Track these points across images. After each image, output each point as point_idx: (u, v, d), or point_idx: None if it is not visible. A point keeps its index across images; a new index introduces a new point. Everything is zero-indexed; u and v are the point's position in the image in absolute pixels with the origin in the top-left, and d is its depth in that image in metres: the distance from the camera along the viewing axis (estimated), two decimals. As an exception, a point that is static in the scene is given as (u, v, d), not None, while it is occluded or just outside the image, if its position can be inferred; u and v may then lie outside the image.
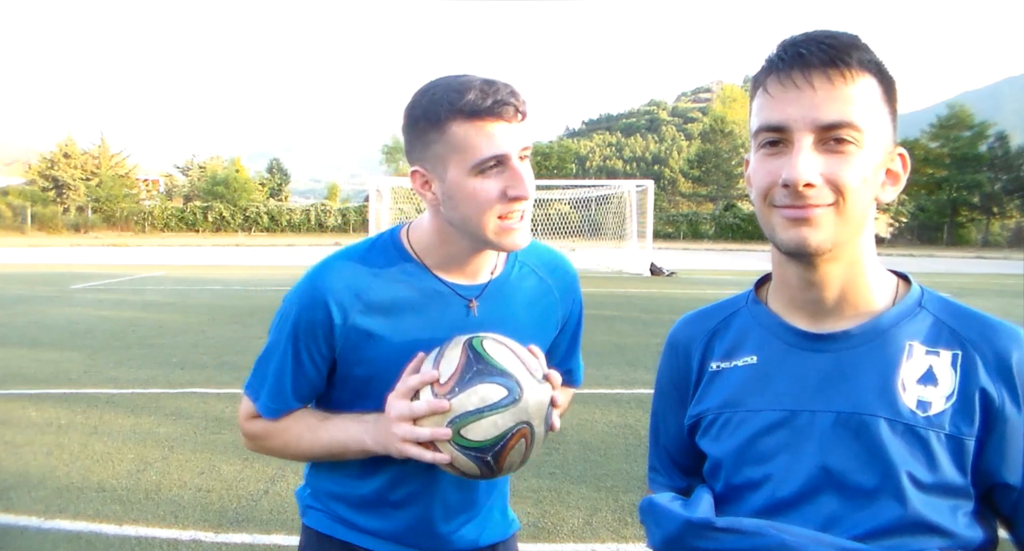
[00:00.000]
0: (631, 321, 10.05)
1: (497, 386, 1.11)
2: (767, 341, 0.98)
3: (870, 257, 0.93)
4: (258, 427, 1.33)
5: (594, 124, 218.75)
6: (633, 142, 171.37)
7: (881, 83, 0.87)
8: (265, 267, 19.95)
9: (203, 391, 5.89)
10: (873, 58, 0.86)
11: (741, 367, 0.99)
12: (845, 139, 0.84)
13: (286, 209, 51.42)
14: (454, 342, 1.18)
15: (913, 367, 0.89)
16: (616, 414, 5.32)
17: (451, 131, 1.13)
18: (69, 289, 13.72)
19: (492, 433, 1.11)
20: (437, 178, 1.19)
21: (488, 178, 1.15)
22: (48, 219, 45.44)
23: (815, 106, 0.83)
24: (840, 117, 0.83)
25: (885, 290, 0.95)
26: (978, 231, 45.98)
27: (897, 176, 0.91)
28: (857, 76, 0.84)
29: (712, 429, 1.00)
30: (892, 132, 0.90)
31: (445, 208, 1.20)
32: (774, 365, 0.96)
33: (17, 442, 4.61)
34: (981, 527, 0.88)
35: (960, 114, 46.35)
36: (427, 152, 1.17)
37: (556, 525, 3.44)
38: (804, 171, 0.83)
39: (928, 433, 0.86)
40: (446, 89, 1.14)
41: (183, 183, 62.82)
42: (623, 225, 21.78)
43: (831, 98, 0.83)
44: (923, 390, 0.88)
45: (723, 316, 1.06)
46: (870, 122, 0.85)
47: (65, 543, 3.22)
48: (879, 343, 0.91)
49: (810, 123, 0.84)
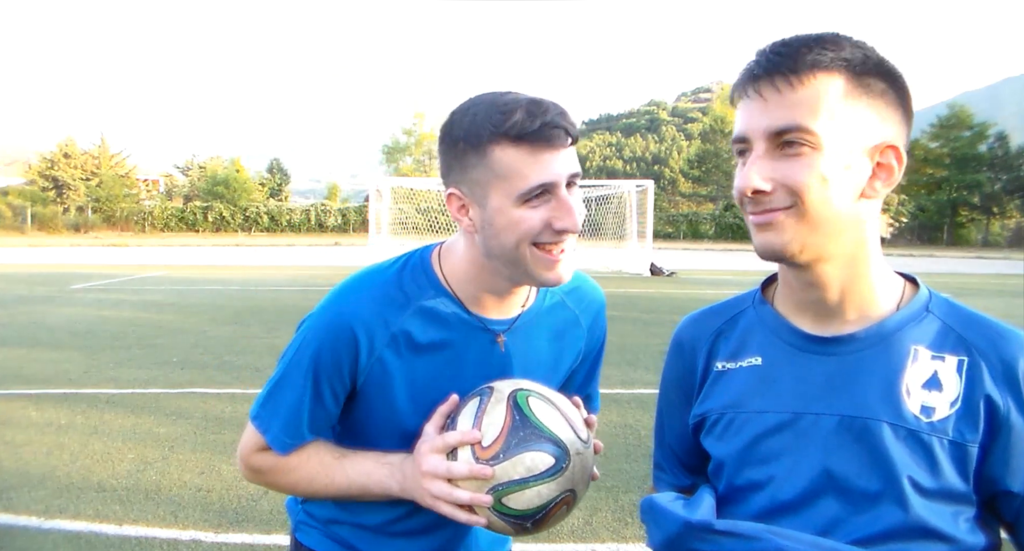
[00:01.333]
0: (631, 321, 10.05)
1: (545, 454, 1.04)
2: (772, 343, 0.97)
3: (874, 258, 0.92)
4: (266, 462, 1.21)
5: (594, 124, 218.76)
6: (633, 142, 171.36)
7: (852, 79, 0.85)
8: (265, 267, 19.90)
9: (203, 391, 5.89)
10: (840, 55, 0.85)
11: (746, 368, 0.98)
12: (796, 142, 0.84)
13: (286, 209, 51.42)
14: (495, 396, 1.09)
15: (918, 372, 0.88)
16: (616, 414, 5.32)
17: (494, 156, 1.04)
18: (69, 289, 13.72)
19: (536, 503, 1.04)
20: (476, 204, 1.09)
21: (533, 208, 1.05)
22: (48, 219, 45.44)
23: (765, 115, 0.86)
24: (787, 122, 0.84)
25: (891, 293, 0.94)
26: (978, 231, 45.99)
27: (891, 170, 0.88)
28: (809, 79, 0.84)
29: (715, 429, 1.00)
30: (881, 126, 0.87)
31: (483, 236, 1.10)
32: (778, 367, 0.95)
33: (17, 442, 4.61)
34: (983, 532, 0.88)
35: (960, 114, 46.35)
36: (466, 175, 1.08)
37: (556, 525, 3.44)
38: (752, 179, 0.86)
39: (931, 439, 0.86)
40: (489, 108, 1.04)
41: (183, 183, 62.82)
42: (623, 225, 21.77)
43: (779, 105, 0.85)
44: (927, 395, 0.87)
45: (729, 316, 1.05)
46: (828, 121, 0.84)
47: (65, 543, 3.22)
48: (884, 347, 0.90)
49: (762, 131, 0.86)
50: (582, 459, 1.08)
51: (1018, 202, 45.52)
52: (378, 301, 1.15)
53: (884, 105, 0.87)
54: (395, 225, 22.86)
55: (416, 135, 63.41)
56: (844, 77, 0.85)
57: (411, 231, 23.93)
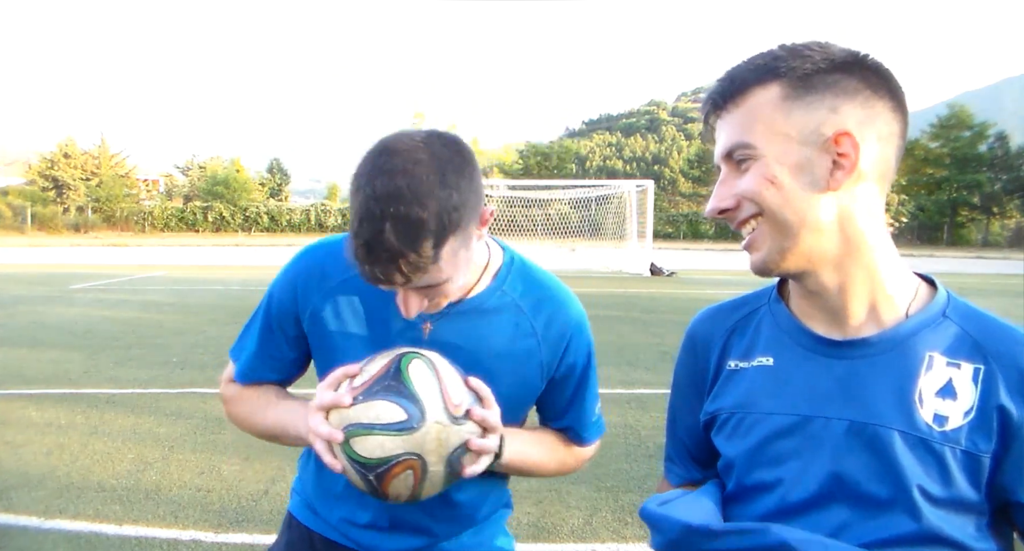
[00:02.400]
0: (631, 321, 10.04)
1: (398, 408, 1.04)
2: (784, 343, 0.97)
3: (879, 259, 0.90)
4: (231, 390, 1.40)
5: (594, 124, 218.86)
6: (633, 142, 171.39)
7: (788, 83, 0.87)
8: (265, 267, 19.90)
9: (203, 391, 5.89)
10: (775, 65, 0.89)
11: (757, 368, 0.98)
12: (743, 158, 0.90)
13: (286, 209, 51.39)
14: (395, 349, 1.13)
15: (932, 380, 0.87)
16: (616, 414, 5.31)
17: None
18: (69, 289, 13.72)
19: (376, 454, 1.04)
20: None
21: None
22: (48, 219, 45.43)
23: (719, 142, 0.93)
24: (729, 144, 0.91)
25: (907, 295, 0.92)
26: (978, 231, 46.00)
27: (848, 157, 0.86)
28: (743, 98, 0.90)
29: (726, 428, 1.00)
30: (828, 119, 0.86)
31: None
32: (790, 368, 0.95)
33: (17, 442, 4.61)
34: (995, 540, 0.88)
35: (960, 114, 46.36)
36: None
37: (556, 525, 3.44)
38: (714, 199, 0.94)
39: (943, 448, 0.85)
40: (348, 239, 1.04)
41: (183, 183, 62.80)
42: (623, 225, 21.79)
43: (723, 130, 0.92)
44: (941, 403, 0.86)
45: (744, 313, 1.05)
46: (763, 130, 0.88)
47: (65, 543, 3.22)
48: (898, 353, 0.89)
49: (719, 157, 0.94)
50: (442, 432, 1.05)
51: (1018, 202, 45.52)
52: (322, 256, 1.26)
53: (834, 95, 0.86)
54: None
55: (416, 135, 63.08)
56: (779, 84, 0.88)
57: (411, 231, 23.90)
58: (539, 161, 59.54)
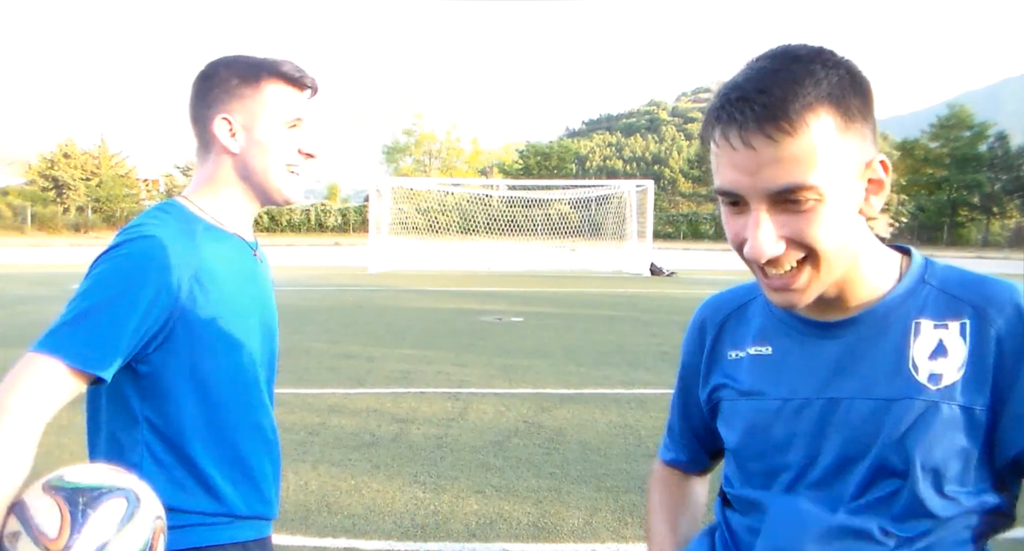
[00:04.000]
0: (631, 321, 10.05)
1: (114, 501, 1.00)
2: (780, 331, 0.98)
3: (868, 254, 0.92)
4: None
5: (594, 124, 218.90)
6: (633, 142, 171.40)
7: (838, 110, 0.80)
8: (265, 267, 19.81)
9: (203, 391, 5.89)
10: (823, 89, 0.79)
11: (755, 356, 1.00)
12: (801, 200, 0.80)
13: (286, 209, 51.41)
14: (31, 492, 1.06)
15: (923, 344, 0.89)
16: (616, 414, 5.32)
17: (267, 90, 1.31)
18: (69, 289, 13.64)
19: (138, 546, 0.99)
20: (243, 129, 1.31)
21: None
22: (48, 219, 45.48)
23: (760, 173, 0.80)
24: (789, 181, 0.79)
25: (888, 272, 0.93)
26: (978, 231, 46.04)
27: (880, 183, 0.87)
28: (801, 124, 0.78)
29: (728, 416, 1.01)
30: (865, 145, 0.85)
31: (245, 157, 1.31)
32: (787, 354, 0.97)
33: (17, 442, 4.60)
34: (1000, 498, 0.89)
35: (960, 114, 46.42)
36: (240, 104, 1.31)
37: (556, 525, 3.44)
38: (765, 246, 0.82)
39: (941, 406, 0.86)
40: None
41: (183, 183, 62.82)
42: (623, 225, 21.81)
43: (775, 160, 0.79)
44: (935, 364, 0.87)
45: (741, 302, 1.06)
46: (826, 168, 0.80)
47: (65, 543, 3.22)
48: (887, 325, 0.91)
49: (761, 192, 0.81)
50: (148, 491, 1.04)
51: (1018, 202, 45.55)
52: (179, 238, 1.23)
53: (862, 122, 0.84)
54: (395, 225, 22.87)
55: (416, 135, 63.38)
56: (831, 112, 0.80)
57: (411, 231, 23.95)
58: (539, 161, 59.61)
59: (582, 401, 5.76)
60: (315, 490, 3.79)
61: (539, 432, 4.87)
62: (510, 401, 5.71)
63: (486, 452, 4.38)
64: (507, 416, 5.24)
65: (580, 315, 10.78)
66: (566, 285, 15.70)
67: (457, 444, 4.59)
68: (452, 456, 4.32)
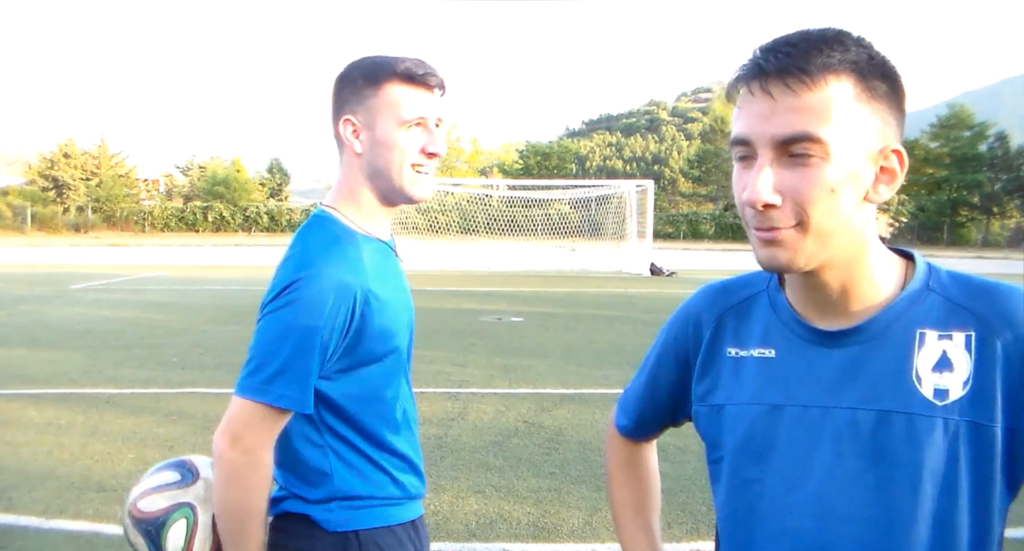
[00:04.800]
0: (631, 321, 10.05)
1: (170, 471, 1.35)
2: (784, 335, 0.96)
3: (874, 252, 0.90)
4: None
5: (594, 124, 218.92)
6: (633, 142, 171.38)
7: (860, 82, 0.82)
8: (265, 267, 19.88)
9: (203, 391, 5.90)
10: (848, 57, 0.82)
11: (758, 358, 0.98)
12: (806, 153, 0.81)
13: (286, 209, 51.41)
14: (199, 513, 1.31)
15: (927, 356, 0.87)
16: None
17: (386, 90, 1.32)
18: (69, 289, 13.72)
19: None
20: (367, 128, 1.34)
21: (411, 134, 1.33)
22: (48, 219, 45.47)
23: (772, 118, 0.81)
24: (797, 130, 0.80)
25: (891, 278, 0.92)
26: (978, 231, 46.02)
27: (894, 174, 0.87)
28: (821, 81, 0.80)
29: (720, 418, 1.00)
30: (884, 130, 0.85)
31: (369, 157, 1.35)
32: (789, 360, 0.95)
33: (17, 442, 4.61)
34: (997, 519, 0.87)
35: (960, 114, 46.38)
36: (361, 105, 1.34)
37: (556, 525, 3.44)
38: (762, 191, 0.82)
39: (947, 423, 0.84)
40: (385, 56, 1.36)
41: (183, 183, 62.86)
42: (623, 225, 21.80)
43: (789, 108, 0.81)
44: (939, 378, 0.85)
45: (742, 297, 1.04)
46: (838, 129, 0.81)
47: (65, 543, 3.22)
48: (890, 335, 0.89)
49: (768, 138, 0.82)
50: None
51: (1018, 202, 45.54)
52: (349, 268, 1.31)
53: (886, 108, 0.85)
54: (395, 225, 22.71)
55: (416, 135, 63.05)
56: (852, 80, 0.82)
57: (411, 231, 23.94)
58: (539, 161, 59.54)
59: (582, 401, 5.77)
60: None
61: (539, 432, 4.87)
62: (510, 401, 5.71)
63: (486, 452, 4.38)
64: (507, 416, 5.24)
65: (580, 315, 10.77)
66: (566, 285, 15.70)
67: (457, 444, 4.58)
68: (452, 456, 4.32)
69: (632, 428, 1.20)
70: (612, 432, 1.24)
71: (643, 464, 1.24)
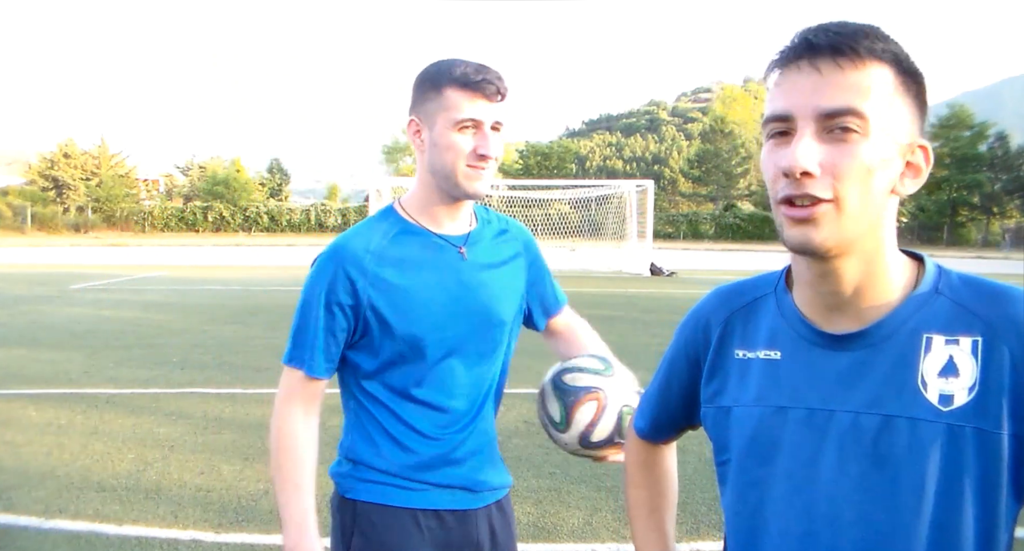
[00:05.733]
0: (631, 321, 10.05)
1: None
2: (790, 337, 0.96)
3: (890, 250, 0.90)
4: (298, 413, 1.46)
5: (594, 124, 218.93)
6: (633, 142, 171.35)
7: (898, 74, 0.84)
8: (265, 267, 19.88)
9: (203, 391, 5.90)
10: (889, 48, 0.84)
11: (764, 360, 0.97)
12: (848, 127, 0.82)
13: (286, 209, 51.46)
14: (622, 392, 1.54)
15: (933, 361, 0.86)
16: (616, 414, 5.31)
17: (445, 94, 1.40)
18: (69, 289, 13.72)
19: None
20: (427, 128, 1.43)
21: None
22: (48, 219, 45.49)
23: (819, 92, 0.82)
24: (843, 103, 0.81)
25: (902, 279, 0.91)
26: (978, 231, 46.05)
27: (919, 169, 0.88)
28: (867, 64, 0.82)
29: (728, 420, 0.99)
30: (913, 125, 0.86)
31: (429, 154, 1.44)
32: (795, 362, 0.94)
33: (17, 442, 4.61)
34: (1006, 526, 0.86)
35: (960, 114, 46.42)
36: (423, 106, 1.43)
37: (556, 525, 3.44)
38: (802, 158, 0.81)
39: (951, 429, 0.83)
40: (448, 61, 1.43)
41: (183, 183, 62.92)
42: (623, 225, 21.79)
43: (836, 83, 0.82)
44: (945, 383, 0.84)
45: (749, 299, 1.03)
46: (878, 111, 0.82)
47: (65, 543, 3.22)
48: (897, 339, 0.88)
49: (812, 110, 0.82)
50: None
51: (1018, 202, 45.56)
52: (362, 238, 1.45)
53: (915, 104, 0.86)
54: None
55: (416, 135, 63.11)
56: (892, 70, 0.84)
57: (411, 231, 23.91)
58: (539, 161, 59.61)
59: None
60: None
61: (539, 432, 4.85)
62: (510, 401, 5.70)
63: (486, 452, 4.38)
64: (507, 416, 5.24)
65: (580, 315, 10.74)
66: (566, 285, 15.52)
67: (457, 444, 4.58)
68: (452, 456, 4.32)
69: (649, 430, 1.21)
70: (631, 433, 1.26)
71: (660, 465, 1.25)
